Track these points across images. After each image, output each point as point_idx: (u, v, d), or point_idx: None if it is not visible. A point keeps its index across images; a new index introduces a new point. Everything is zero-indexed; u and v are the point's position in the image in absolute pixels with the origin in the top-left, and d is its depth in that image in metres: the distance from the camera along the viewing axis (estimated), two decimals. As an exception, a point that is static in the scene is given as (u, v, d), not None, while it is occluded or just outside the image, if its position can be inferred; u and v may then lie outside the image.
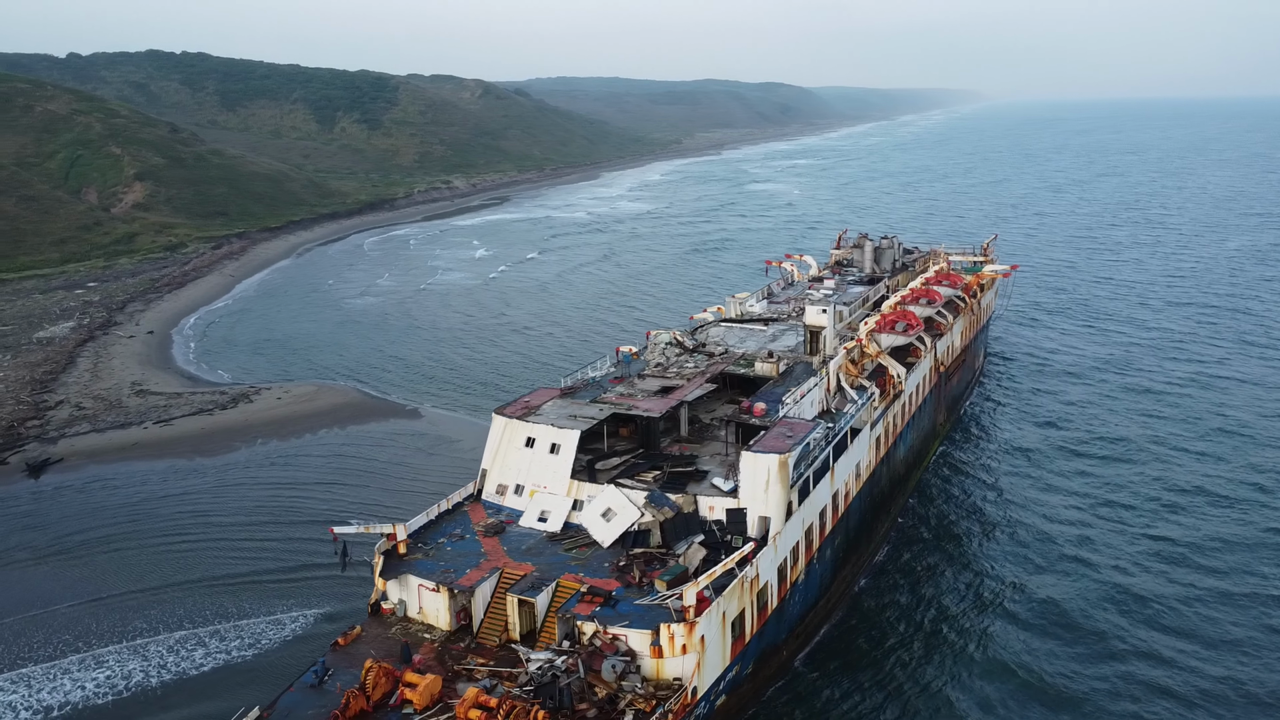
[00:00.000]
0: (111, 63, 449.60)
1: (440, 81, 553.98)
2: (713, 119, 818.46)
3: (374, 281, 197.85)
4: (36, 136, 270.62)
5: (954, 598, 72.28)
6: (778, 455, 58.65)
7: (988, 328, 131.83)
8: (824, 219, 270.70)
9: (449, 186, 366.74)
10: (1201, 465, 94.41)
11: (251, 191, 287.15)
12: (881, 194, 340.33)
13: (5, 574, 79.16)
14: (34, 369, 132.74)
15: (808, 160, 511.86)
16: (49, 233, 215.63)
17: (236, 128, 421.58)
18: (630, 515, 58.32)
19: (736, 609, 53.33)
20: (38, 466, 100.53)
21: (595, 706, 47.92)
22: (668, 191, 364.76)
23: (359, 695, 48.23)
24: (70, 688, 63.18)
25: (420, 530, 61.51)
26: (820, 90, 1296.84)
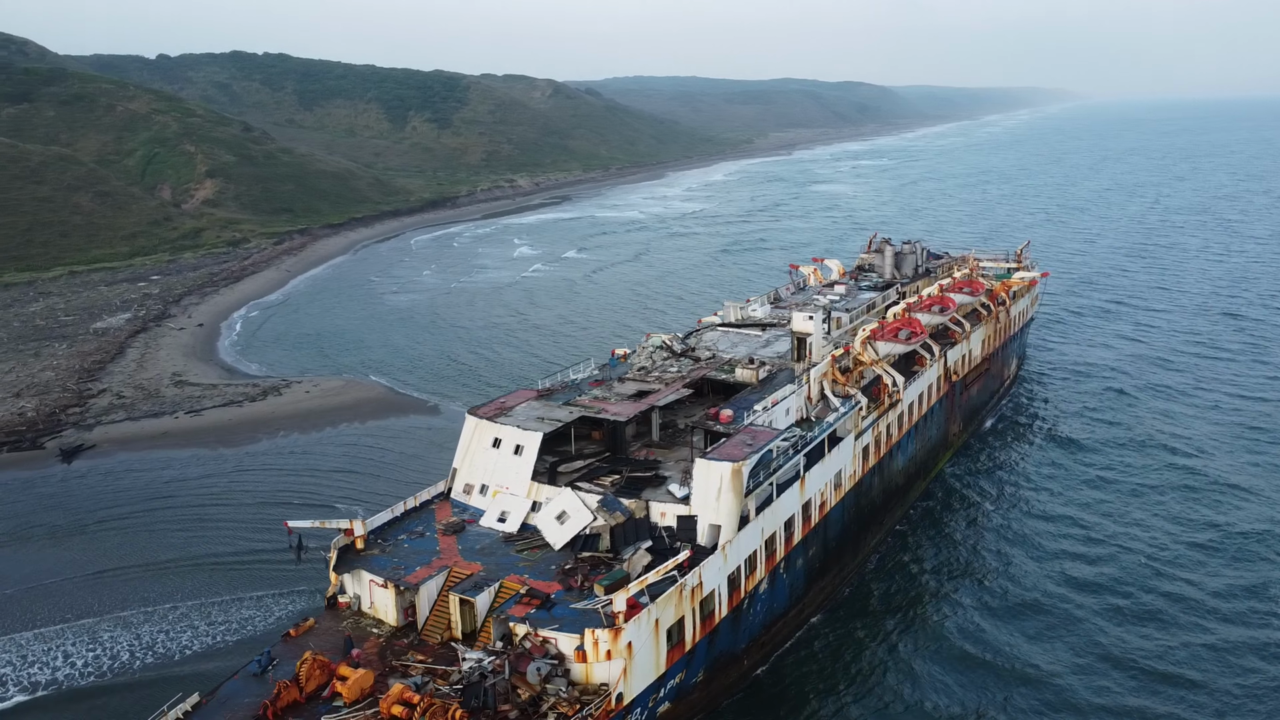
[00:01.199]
0: (198, 64, 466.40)
1: (512, 81, 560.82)
2: (787, 119, 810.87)
3: (415, 279, 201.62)
4: (117, 135, 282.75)
5: (938, 613, 70.72)
6: (731, 463, 58.27)
7: (1022, 336, 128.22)
8: (872, 221, 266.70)
9: (511, 185, 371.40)
10: (1234, 511, 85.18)
11: (317, 189, 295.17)
12: (940, 195, 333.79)
13: (22, 549, 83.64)
14: (85, 358, 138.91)
15: (876, 161, 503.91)
16: (121, 227, 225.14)
17: (313, 126, 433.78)
18: (583, 519, 58.60)
19: (673, 616, 53.15)
20: (71, 452, 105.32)
21: (518, 708, 48.33)
22: (726, 192, 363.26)
23: (291, 686, 49.50)
24: (59, 659, 66.62)
25: (383, 526, 62.79)
26: (901, 89, 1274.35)
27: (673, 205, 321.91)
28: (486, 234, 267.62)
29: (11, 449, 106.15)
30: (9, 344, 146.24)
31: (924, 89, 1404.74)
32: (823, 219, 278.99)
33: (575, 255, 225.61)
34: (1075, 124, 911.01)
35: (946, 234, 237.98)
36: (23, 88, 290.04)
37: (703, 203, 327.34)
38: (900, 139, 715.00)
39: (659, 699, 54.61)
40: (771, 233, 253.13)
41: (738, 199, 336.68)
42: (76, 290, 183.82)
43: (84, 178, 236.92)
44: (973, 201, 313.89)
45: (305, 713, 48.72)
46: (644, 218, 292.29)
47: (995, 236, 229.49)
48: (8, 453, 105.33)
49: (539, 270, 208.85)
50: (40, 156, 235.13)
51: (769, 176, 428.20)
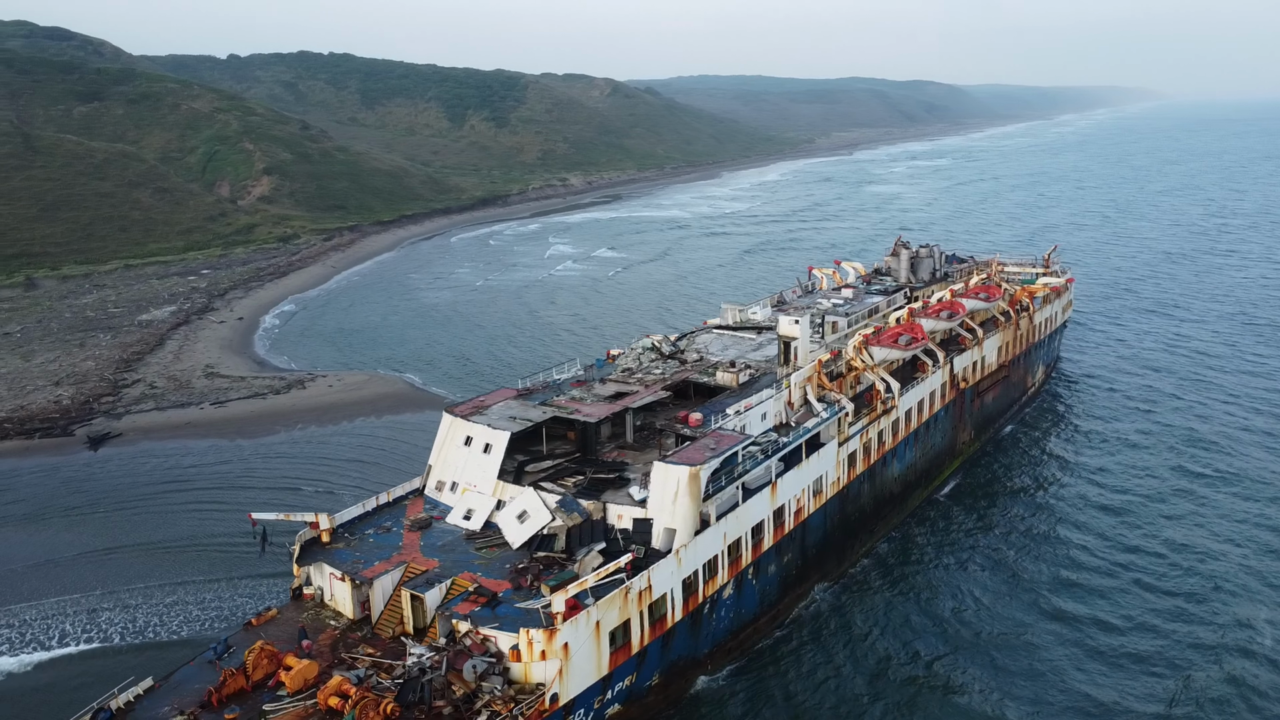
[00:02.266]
0: (266, 64, 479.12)
1: (572, 80, 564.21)
2: (851, 118, 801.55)
3: (449, 276, 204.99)
4: (181, 133, 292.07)
5: (920, 626, 69.42)
6: (688, 468, 58.09)
7: (1051, 342, 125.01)
8: (918, 223, 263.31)
9: (564, 184, 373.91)
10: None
11: (371, 186, 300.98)
12: (992, 197, 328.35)
13: (36, 529, 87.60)
14: (126, 349, 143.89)
15: (935, 161, 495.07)
16: (178, 222, 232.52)
17: (374, 125, 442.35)
18: (542, 519, 58.97)
19: (617, 619, 53.19)
20: (98, 439, 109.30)
21: (452, 705, 48.94)
22: (776, 192, 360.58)
23: (237, 675, 50.86)
24: (52, 633, 69.74)
25: (354, 520, 63.98)
26: (972, 88, 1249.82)
27: (719, 205, 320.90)
28: (529, 232, 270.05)
29: (44, 435, 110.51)
30: (58, 334, 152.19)
31: (996, 88, 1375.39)
32: (866, 220, 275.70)
33: (607, 254, 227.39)
34: (1152, 125, 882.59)
35: (989, 236, 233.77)
36: (94, 87, 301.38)
37: (748, 203, 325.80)
38: (966, 139, 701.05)
39: (606, 701, 54.73)
40: (807, 234, 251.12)
41: (785, 199, 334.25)
42: (129, 283, 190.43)
43: (145, 174, 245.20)
44: (1025, 204, 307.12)
45: (249, 701, 49.98)
46: (686, 217, 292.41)
47: (1039, 240, 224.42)
48: (40, 439, 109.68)
49: (566, 269, 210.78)
50: (104, 154, 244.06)
51: (824, 177, 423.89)
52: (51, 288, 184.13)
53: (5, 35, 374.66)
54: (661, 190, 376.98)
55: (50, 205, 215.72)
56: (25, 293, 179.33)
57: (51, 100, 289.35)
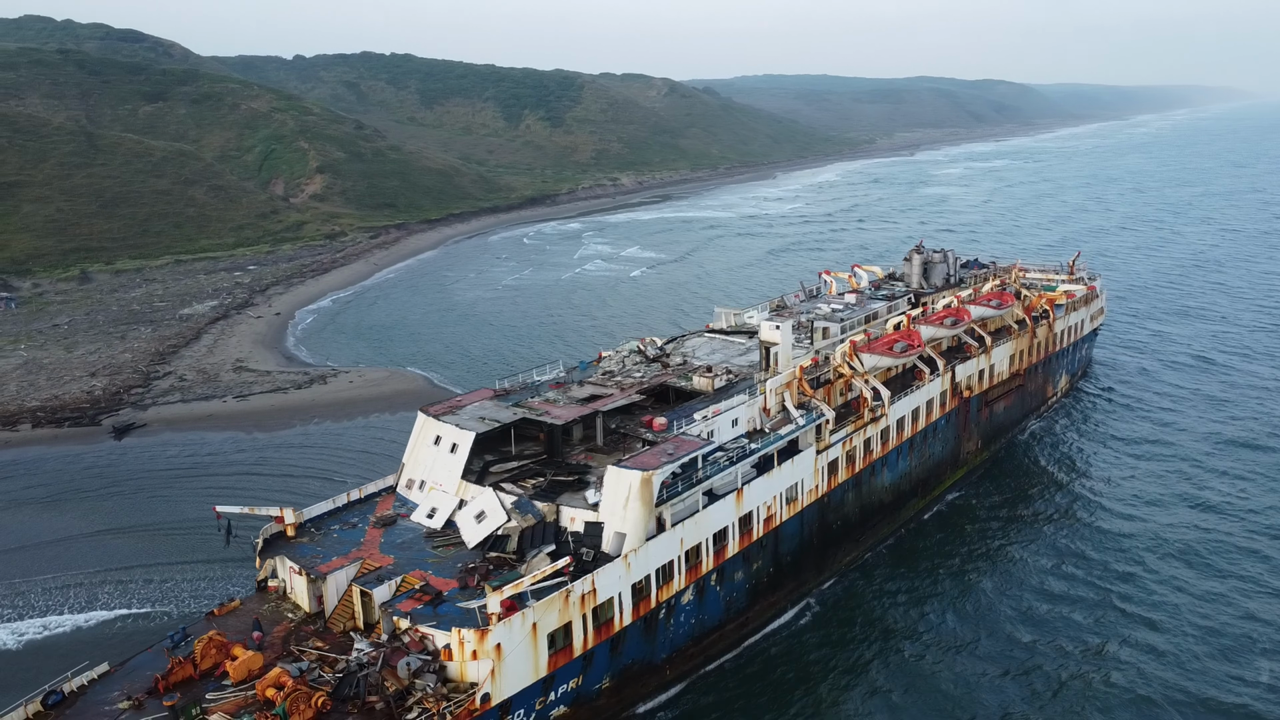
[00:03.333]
0: (330, 64, 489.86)
1: (630, 80, 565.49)
2: (916, 118, 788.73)
3: (483, 275, 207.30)
4: (239, 132, 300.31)
5: (900, 641, 68.40)
6: (640, 472, 58.11)
7: (1075, 351, 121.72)
8: (965, 225, 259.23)
9: (614, 184, 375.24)
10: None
11: (421, 185, 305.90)
12: (1047, 200, 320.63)
13: (50, 512, 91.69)
14: (163, 342, 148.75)
15: (996, 163, 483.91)
16: (230, 219, 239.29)
17: (432, 124, 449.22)
18: (498, 519, 59.59)
19: (557, 621, 53.45)
20: (122, 429, 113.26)
21: (385, 700, 49.77)
22: (826, 193, 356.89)
23: (185, 664, 52.46)
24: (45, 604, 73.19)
25: (322, 516, 65.36)
26: (1044, 88, 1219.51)
27: (764, 206, 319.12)
28: (568, 231, 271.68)
29: (72, 424, 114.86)
30: (102, 326, 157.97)
31: (1070, 87, 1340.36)
32: (909, 221, 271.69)
33: (637, 253, 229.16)
34: (1229, 126, 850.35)
35: (1032, 239, 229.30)
36: (159, 87, 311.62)
37: (794, 204, 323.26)
38: (1035, 140, 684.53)
39: (549, 702, 55.06)
40: (845, 235, 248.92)
41: (833, 200, 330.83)
42: (178, 278, 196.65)
43: (201, 172, 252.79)
44: (1077, 206, 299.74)
45: (195, 689, 51.51)
46: (728, 217, 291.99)
47: (1083, 244, 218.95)
48: (69, 428, 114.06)
49: (593, 268, 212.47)
50: (163, 152, 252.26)
51: (880, 178, 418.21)
52: (104, 281, 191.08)
53: (82, 37, 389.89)
54: (711, 191, 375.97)
55: (109, 201, 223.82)
56: (79, 286, 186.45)
57: (119, 100, 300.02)
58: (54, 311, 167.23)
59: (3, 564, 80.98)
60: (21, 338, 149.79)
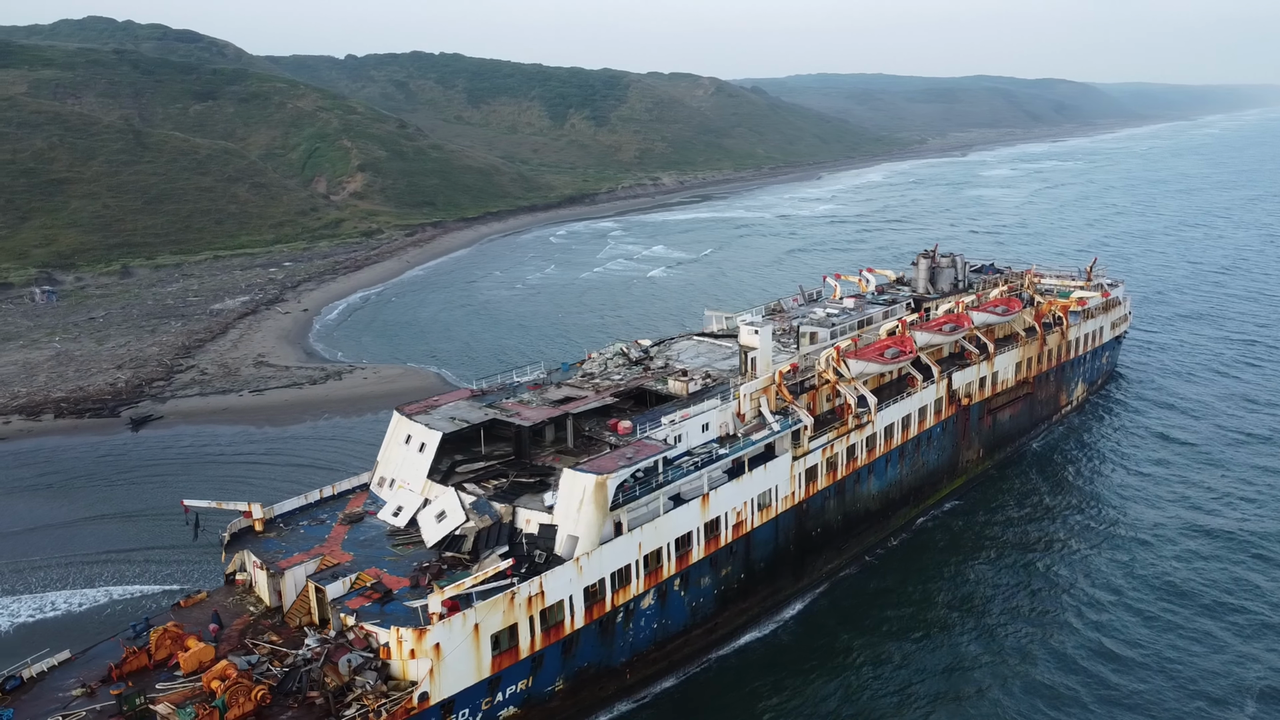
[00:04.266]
0: (380, 63, 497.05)
1: (677, 79, 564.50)
2: (971, 118, 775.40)
3: (509, 273, 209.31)
4: (285, 130, 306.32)
5: (877, 657, 67.63)
6: (595, 476, 58.14)
7: (1093, 359, 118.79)
8: (1003, 227, 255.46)
9: (655, 183, 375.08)
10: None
11: (461, 184, 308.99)
12: (1091, 202, 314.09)
13: (59, 498, 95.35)
14: (191, 336, 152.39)
15: (1041, 164, 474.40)
16: (270, 216, 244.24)
17: (478, 123, 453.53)
18: (457, 519, 60.03)
19: (501, 623, 53.70)
20: (140, 421, 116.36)
21: (325, 696, 50.50)
22: (868, 194, 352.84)
23: (140, 653, 53.84)
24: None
25: (293, 511, 66.49)
26: (1108, 87, 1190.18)
27: (801, 207, 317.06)
28: (599, 230, 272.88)
29: (93, 415, 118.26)
30: (136, 320, 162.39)
31: (1135, 86, 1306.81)
32: (942, 222, 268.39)
33: (659, 253, 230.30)
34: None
35: (1064, 241, 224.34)
36: (209, 86, 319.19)
37: (834, 205, 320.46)
38: (1094, 141, 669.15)
39: (496, 703, 55.35)
40: (871, 236, 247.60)
41: (874, 201, 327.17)
42: (215, 274, 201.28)
43: (244, 170, 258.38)
44: (1123, 209, 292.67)
45: (147, 678, 52.81)
46: (761, 218, 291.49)
47: (1119, 249, 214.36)
48: (89, 418, 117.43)
49: (614, 267, 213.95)
50: (208, 150, 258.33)
51: (927, 179, 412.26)
52: (144, 276, 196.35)
53: (141, 37, 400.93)
54: (752, 191, 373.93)
55: (154, 198, 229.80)
56: (120, 280, 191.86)
57: (171, 99, 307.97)
58: (92, 305, 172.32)
59: (7, 545, 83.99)
60: (57, 330, 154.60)
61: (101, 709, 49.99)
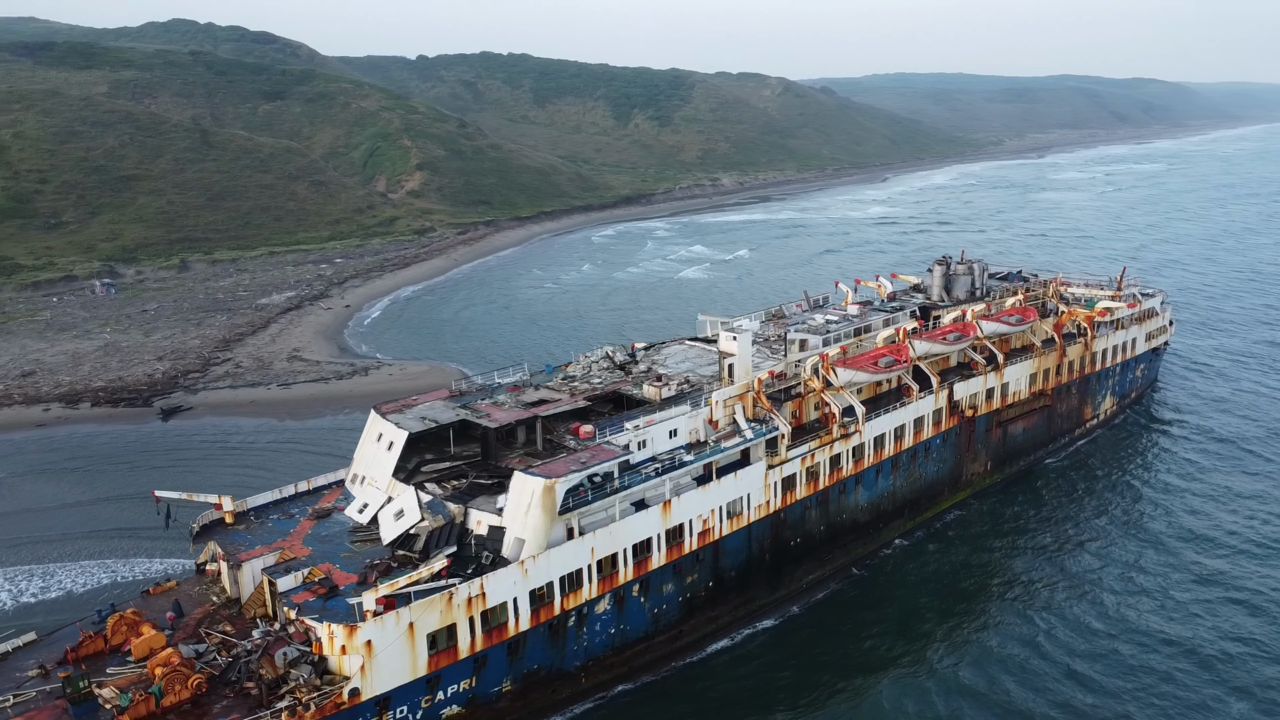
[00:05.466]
0: (450, 64, 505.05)
1: (745, 79, 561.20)
2: (1052, 118, 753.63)
3: (551, 272, 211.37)
4: (348, 130, 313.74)
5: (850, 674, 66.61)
6: (544, 480, 58.34)
7: (1124, 372, 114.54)
8: (1063, 233, 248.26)
9: (714, 184, 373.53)
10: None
11: (518, 183, 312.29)
12: (1147, 204, 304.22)
13: (81, 480, 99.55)
14: (233, 330, 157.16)
15: (1115, 167, 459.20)
16: (328, 214, 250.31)
17: (543, 123, 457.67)
18: (413, 518, 60.83)
19: (438, 622, 54.23)
20: (170, 411, 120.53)
21: (259, 687, 51.75)
22: (930, 196, 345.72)
23: (96, 638, 55.94)
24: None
25: (266, 505, 68.20)
26: (1204, 86, 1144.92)
27: (858, 208, 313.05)
28: (648, 230, 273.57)
29: (127, 405, 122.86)
30: (185, 313, 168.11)
31: (1233, 86, 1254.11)
32: (993, 225, 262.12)
33: (695, 253, 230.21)
34: None
35: (1115, 248, 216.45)
36: (278, 86, 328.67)
37: (893, 207, 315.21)
38: (1180, 143, 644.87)
39: (438, 701, 55.96)
40: (917, 239, 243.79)
41: (936, 204, 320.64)
42: (267, 269, 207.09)
43: (305, 168, 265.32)
44: (1193, 215, 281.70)
45: (101, 661, 54.85)
46: (813, 220, 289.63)
47: (1170, 257, 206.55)
48: (123, 408, 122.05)
49: (647, 268, 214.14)
50: (270, 148, 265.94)
51: (997, 181, 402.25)
52: (201, 270, 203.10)
53: (220, 39, 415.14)
54: (812, 193, 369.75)
55: (216, 195, 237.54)
56: (177, 274, 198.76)
57: (241, 99, 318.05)
58: (147, 298, 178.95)
59: (28, 520, 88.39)
60: (110, 321, 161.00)
61: (51, 690, 52.08)
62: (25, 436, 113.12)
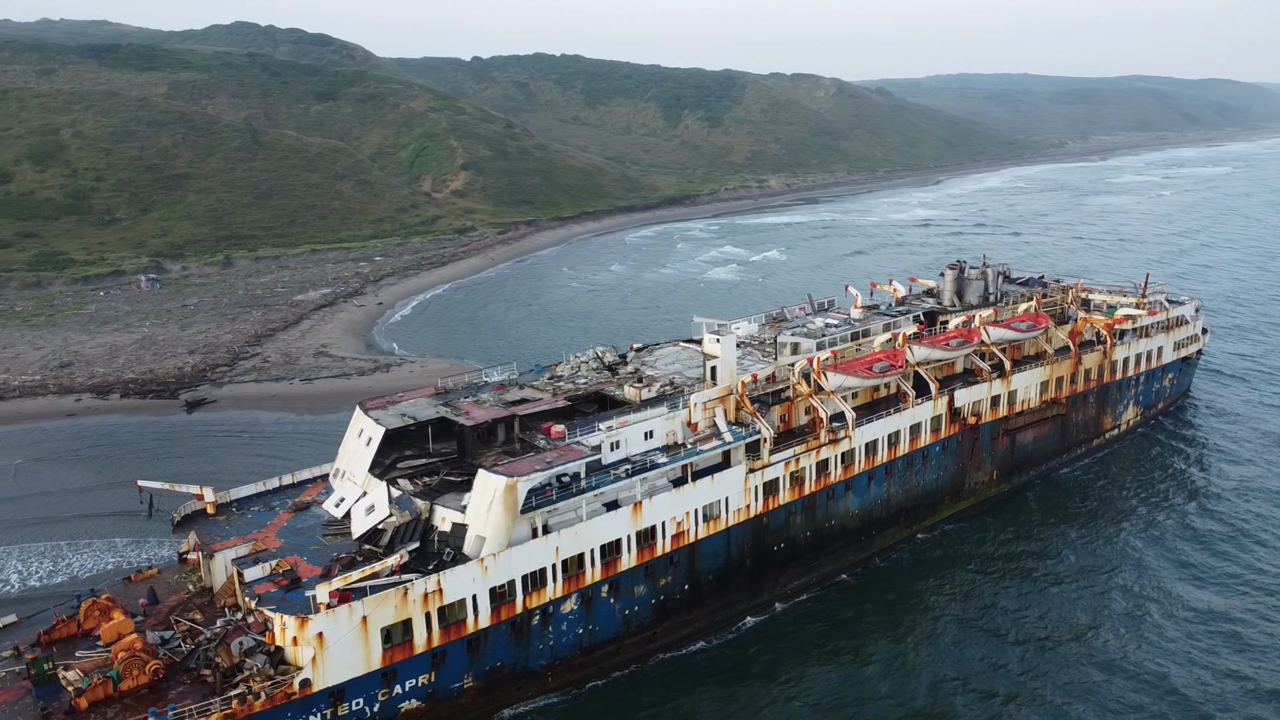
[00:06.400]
0: (504, 65, 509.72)
1: (799, 80, 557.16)
2: (1119, 120, 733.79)
3: (582, 272, 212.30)
4: (397, 130, 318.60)
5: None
6: (506, 478, 58.65)
7: (1148, 382, 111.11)
8: (1094, 236, 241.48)
9: (760, 186, 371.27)
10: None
11: (562, 183, 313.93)
12: (1197, 208, 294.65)
13: (100, 465, 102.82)
14: (266, 325, 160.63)
15: (1180, 170, 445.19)
16: (371, 212, 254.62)
17: (593, 123, 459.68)
18: (383, 513, 61.63)
19: (393, 617, 54.81)
20: (194, 404, 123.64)
21: (215, 674, 52.89)
22: (979, 199, 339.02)
23: (69, 621, 57.71)
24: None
25: (250, 496, 69.66)
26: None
27: (904, 210, 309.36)
28: (683, 231, 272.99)
29: (155, 396, 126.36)
30: (223, 308, 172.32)
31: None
32: (1034, 229, 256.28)
33: (722, 254, 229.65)
34: None
35: (1155, 254, 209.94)
36: (331, 88, 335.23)
37: (936, 210, 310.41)
38: (1255, 145, 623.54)
39: (396, 695, 56.57)
40: (952, 241, 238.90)
41: (979, 208, 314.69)
42: (307, 266, 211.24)
43: (351, 168, 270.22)
44: (1255, 222, 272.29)
45: (71, 644, 56.59)
46: (853, 222, 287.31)
47: (1227, 265, 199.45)
48: (150, 399, 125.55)
49: (675, 269, 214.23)
50: (318, 148, 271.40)
51: (1052, 184, 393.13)
52: (244, 267, 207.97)
53: (279, 41, 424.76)
54: (859, 195, 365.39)
55: (264, 193, 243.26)
56: (221, 270, 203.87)
57: (294, 99, 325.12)
58: (189, 293, 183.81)
59: (32, 505, 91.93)
60: (150, 315, 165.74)
61: (19, 671, 53.85)
62: (56, 425, 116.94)
